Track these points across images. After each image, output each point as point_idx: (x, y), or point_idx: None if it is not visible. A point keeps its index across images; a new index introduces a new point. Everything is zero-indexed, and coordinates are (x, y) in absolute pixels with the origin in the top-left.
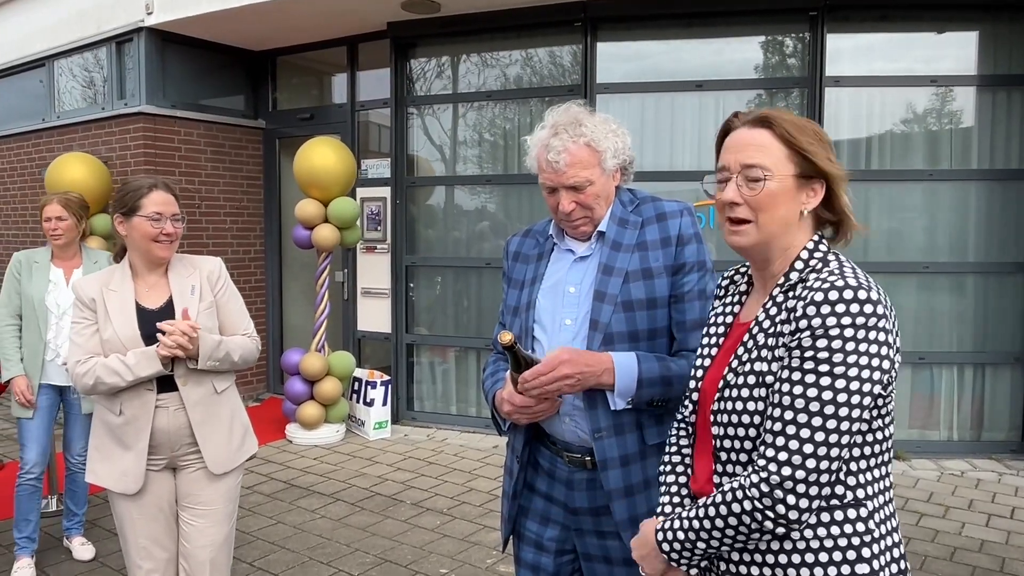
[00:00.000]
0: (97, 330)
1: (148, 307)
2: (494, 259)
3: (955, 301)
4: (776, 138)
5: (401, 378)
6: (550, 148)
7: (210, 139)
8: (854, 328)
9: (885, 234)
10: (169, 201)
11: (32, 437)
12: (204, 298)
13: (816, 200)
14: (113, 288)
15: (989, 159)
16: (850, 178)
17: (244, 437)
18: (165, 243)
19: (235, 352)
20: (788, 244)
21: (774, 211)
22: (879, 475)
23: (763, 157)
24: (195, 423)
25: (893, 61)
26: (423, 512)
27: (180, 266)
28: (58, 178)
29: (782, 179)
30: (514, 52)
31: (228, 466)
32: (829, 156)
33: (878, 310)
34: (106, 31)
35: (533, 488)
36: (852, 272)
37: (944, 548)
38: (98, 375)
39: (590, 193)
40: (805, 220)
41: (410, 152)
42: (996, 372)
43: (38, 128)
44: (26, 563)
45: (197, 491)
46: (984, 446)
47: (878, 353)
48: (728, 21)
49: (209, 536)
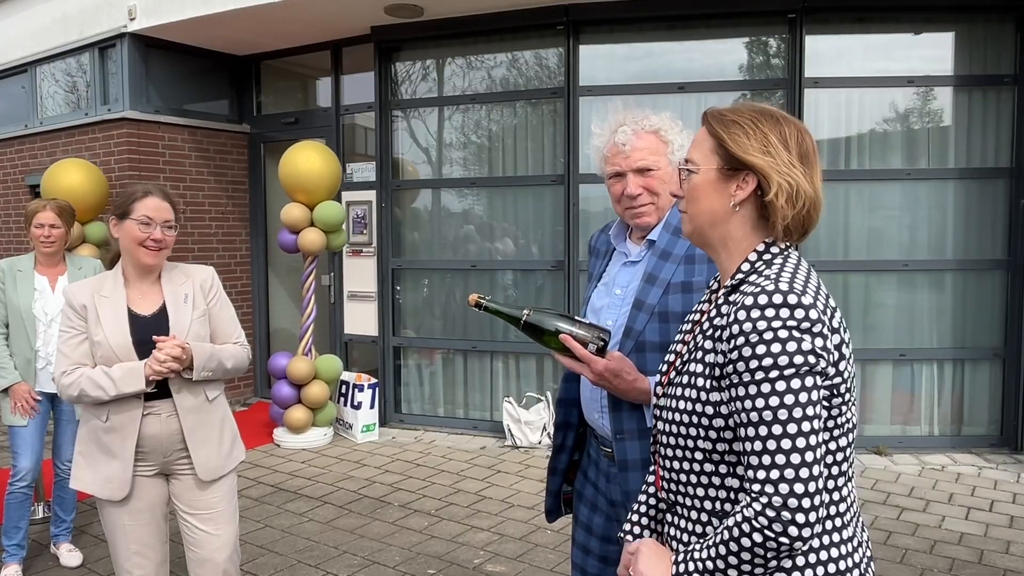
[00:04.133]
0: (85, 339)
1: (141, 314)
2: (480, 261)
3: (935, 298)
4: (707, 132)
5: (388, 381)
6: (619, 133)
7: (195, 144)
8: (786, 330)
9: (865, 233)
10: (162, 208)
11: (26, 444)
12: (197, 306)
13: (744, 192)
14: (105, 294)
15: (966, 158)
16: (828, 178)
17: (233, 444)
18: (152, 249)
19: (227, 361)
20: (724, 236)
21: (698, 203)
22: (841, 483)
23: (695, 151)
24: (187, 430)
25: (871, 62)
26: (411, 514)
27: (173, 274)
28: (55, 184)
29: (706, 172)
30: (498, 55)
31: (217, 473)
32: (763, 148)
33: (810, 314)
34: (89, 36)
35: (586, 475)
36: (789, 276)
37: (924, 541)
38: (82, 387)
39: (657, 178)
40: (743, 215)
41: (395, 155)
42: (976, 368)
43: (21, 134)
44: (14, 570)
45: (194, 497)
46: (964, 440)
47: (812, 351)
48: (708, 24)
49: (220, 539)
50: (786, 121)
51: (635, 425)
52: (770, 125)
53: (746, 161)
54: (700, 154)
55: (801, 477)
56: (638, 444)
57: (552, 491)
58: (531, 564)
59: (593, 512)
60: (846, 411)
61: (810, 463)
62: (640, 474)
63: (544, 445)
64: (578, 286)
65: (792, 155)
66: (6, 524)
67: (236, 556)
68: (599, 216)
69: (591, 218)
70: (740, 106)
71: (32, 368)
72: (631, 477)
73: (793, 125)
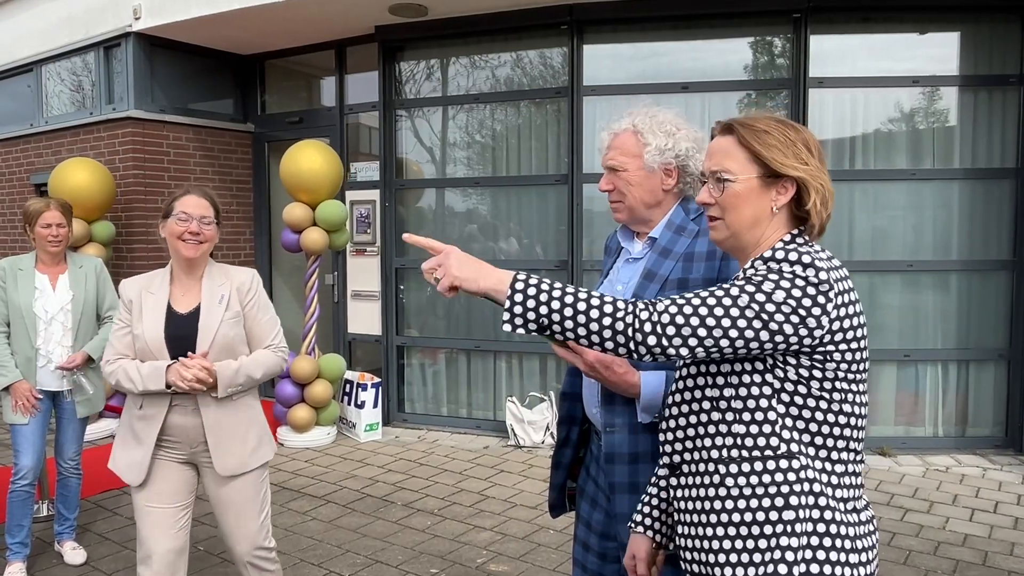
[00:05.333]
0: (128, 332)
1: (179, 311)
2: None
3: (939, 299)
4: (738, 143)
5: (392, 380)
6: (606, 130)
7: (199, 143)
8: (792, 275)
9: (869, 233)
10: (200, 204)
11: (27, 443)
12: (231, 308)
13: (785, 198)
14: (152, 291)
15: (971, 158)
16: (833, 178)
17: (260, 443)
18: (191, 243)
19: (256, 371)
20: (759, 238)
21: (739, 210)
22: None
23: (728, 162)
24: (208, 426)
25: (876, 62)
26: (414, 513)
27: (215, 274)
28: (62, 183)
29: (746, 180)
30: (502, 55)
31: (237, 470)
32: (799, 158)
33: (820, 275)
34: (94, 36)
35: (588, 471)
36: (814, 251)
37: (928, 543)
38: (119, 377)
39: (622, 178)
40: (779, 216)
41: (399, 155)
42: (980, 368)
43: (26, 133)
44: (18, 568)
45: (217, 490)
46: (969, 441)
47: (803, 295)
48: (713, 23)
49: (241, 532)
50: (801, 128)
51: (626, 419)
52: (794, 133)
53: (788, 171)
54: (736, 164)
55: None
56: (627, 438)
57: (556, 485)
58: (534, 564)
59: (593, 508)
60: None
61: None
62: (627, 468)
63: (547, 445)
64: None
65: (816, 160)
66: (9, 522)
67: (262, 550)
68: (603, 216)
69: (595, 218)
70: (758, 116)
71: (33, 366)
72: (617, 470)
73: (807, 132)
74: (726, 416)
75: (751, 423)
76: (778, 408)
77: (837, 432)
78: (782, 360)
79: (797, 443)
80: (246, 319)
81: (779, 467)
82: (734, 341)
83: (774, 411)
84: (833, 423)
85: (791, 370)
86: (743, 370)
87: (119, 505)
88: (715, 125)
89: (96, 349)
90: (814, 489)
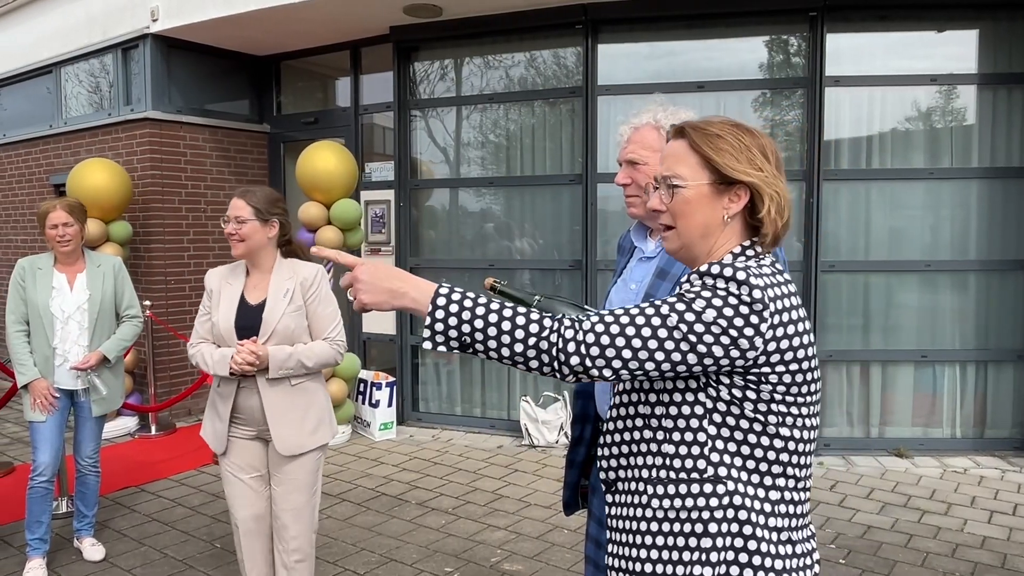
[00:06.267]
0: (208, 319)
1: (250, 302)
2: (498, 260)
3: (957, 299)
4: (690, 147)
5: (406, 379)
6: (624, 126)
7: (215, 144)
8: (725, 293)
9: (887, 233)
10: (235, 205)
11: (45, 440)
12: (294, 301)
13: (738, 206)
14: (230, 281)
15: (990, 157)
16: (850, 178)
17: (318, 425)
18: (232, 242)
19: (308, 360)
20: (711, 248)
21: (690, 218)
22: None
23: (680, 167)
24: (267, 407)
25: (893, 60)
26: (428, 512)
27: (284, 269)
28: (80, 183)
29: (697, 187)
30: (516, 55)
31: (295, 450)
32: (753, 163)
33: (754, 294)
34: (112, 38)
35: None
36: (754, 268)
37: (946, 545)
38: (197, 360)
39: (642, 172)
40: (732, 225)
41: (413, 155)
42: (999, 369)
43: (45, 134)
44: (38, 564)
45: (276, 466)
46: (987, 443)
47: (735, 314)
48: (728, 22)
49: (289, 502)
50: (758, 133)
51: None
52: (750, 138)
53: (740, 177)
54: (688, 169)
55: (618, 344)
56: None
57: (570, 483)
58: (548, 563)
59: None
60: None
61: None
62: None
63: (561, 444)
64: (596, 285)
65: (772, 166)
66: (28, 518)
67: (307, 519)
68: (617, 215)
69: (609, 218)
70: (713, 119)
71: (50, 365)
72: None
73: (764, 137)
74: (657, 435)
75: (680, 443)
76: (709, 429)
77: (772, 456)
78: (715, 379)
79: (728, 467)
80: (308, 312)
81: (703, 491)
82: (660, 364)
83: (704, 432)
84: (768, 447)
85: (724, 390)
86: (675, 388)
87: (137, 502)
88: (669, 128)
89: (112, 349)
90: (739, 516)
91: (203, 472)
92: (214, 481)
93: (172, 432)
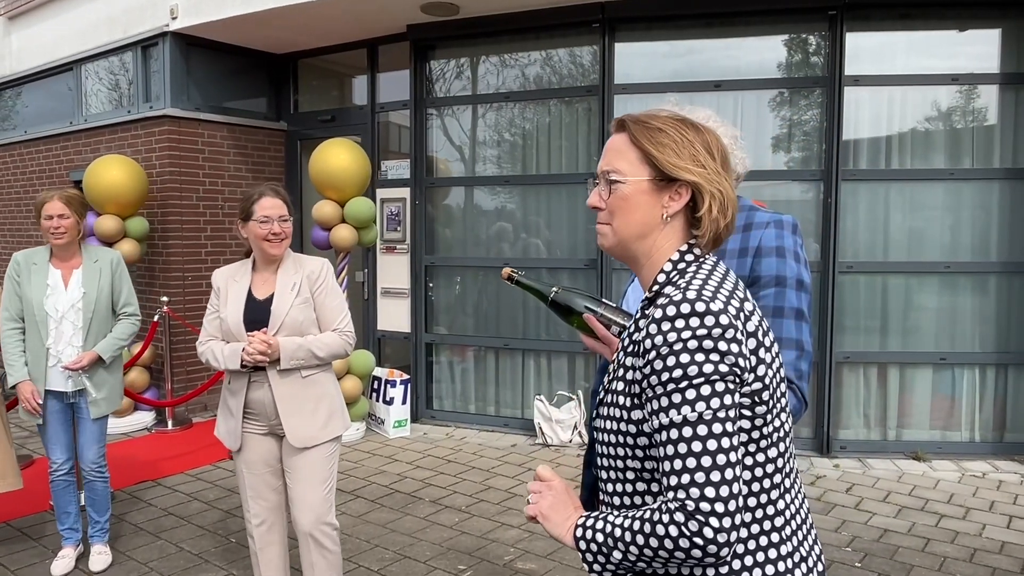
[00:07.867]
0: (216, 316)
1: (257, 298)
2: (513, 258)
3: (977, 301)
4: (630, 142)
5: (420, 377)
6: None
7: (233, 141)
8: (696, 340)
9: (906, 234)
10: (276, 205)
11: (52, 439)
12: (301, 294)
13: (679, 204)
14: (237, 279)
15: (1012, 158)
16: (869, 178)
17: (330, 418)
18: (275, 241)
19: (319, 350)
20: (650, 248)
21: (627, 215)
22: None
23: (619, 161)
24: (278, 400)
25: (914, 59)
26: (442, 509)
27: (289, 264)
28: (97, 180)
29: (636, 183)
30: (532, 53)
31: (308, 442)
32: (695, 160)
33: (720, 320)
34: (132, 36)
35: None
36: (700, 283)
37: (964, 549)
38: (207, 356)
39: None
40: (672, 224)
41: (429, 153)
42: (1020, 373)
43: (66, 131)
44: (69, 552)
45: (289, 459)
46: (1006, 447)
47: (721, 359)
48: (746, 21)
49: (306, 503)
50: (704, 128)
51: None
52: (693, 133)
53: (680, 175)
54: (627, 164)
55: (713, 481)
56: None
57: (586, 484)
58: (561, 562)
59: None
60: (772, 419)
61: (722, 466)
62: None
63: (575, 444)
64: (611, 285)
65: (717, 163)
66: (56, 510)
67: (326, 525)
68: None
69: None
70: (657, 112)
71: (43, 366)
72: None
73: (710, 133)
74: (651, 487)
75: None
76: None
77: (771, 469)
78: None
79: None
80: (315, 304)
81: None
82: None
83: None
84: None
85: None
86: None
87: (153, 496)
88: (612, 122)
89: (107, 349)
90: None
91: (219, 467)
92: (230, 476)
93: (188, 427)
